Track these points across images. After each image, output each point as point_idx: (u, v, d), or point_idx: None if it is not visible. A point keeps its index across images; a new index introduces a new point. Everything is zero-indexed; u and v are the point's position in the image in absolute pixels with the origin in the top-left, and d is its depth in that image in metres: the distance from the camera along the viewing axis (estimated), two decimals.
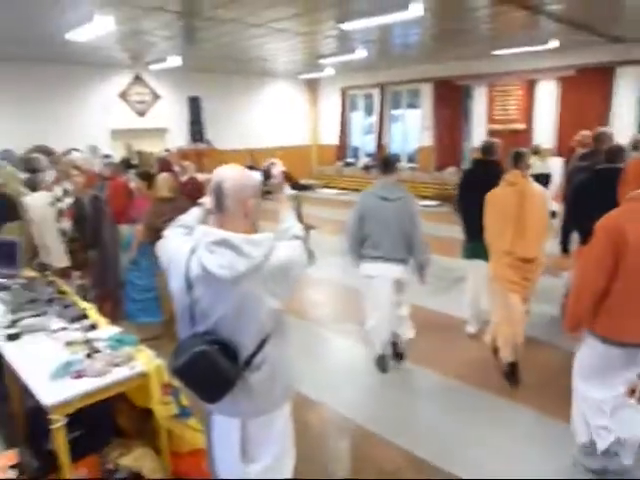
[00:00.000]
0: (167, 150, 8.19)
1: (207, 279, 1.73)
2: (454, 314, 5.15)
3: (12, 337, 2.88)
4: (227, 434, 1.96)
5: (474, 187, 3.96)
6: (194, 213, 2.05)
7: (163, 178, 4.89)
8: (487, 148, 4.33)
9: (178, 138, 12.03)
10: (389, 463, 3.01)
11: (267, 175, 1.96)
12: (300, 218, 2.05)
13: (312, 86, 14.97)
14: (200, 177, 7.12)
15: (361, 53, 9.41)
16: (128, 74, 11.18)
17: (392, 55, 10.48)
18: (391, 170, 3.80)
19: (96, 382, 2.36)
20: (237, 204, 1.77)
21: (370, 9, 6.01)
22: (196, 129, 12.02)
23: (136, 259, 4.81)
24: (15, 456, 2.63)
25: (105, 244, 4.63)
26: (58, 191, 4.77)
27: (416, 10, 5.83)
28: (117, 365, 2.48)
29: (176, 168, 6.96)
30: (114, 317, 4.25)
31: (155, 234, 4.49)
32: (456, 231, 4.96)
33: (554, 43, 8.59)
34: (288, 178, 1.99)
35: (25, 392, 2.81)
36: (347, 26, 6.68)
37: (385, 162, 3.87)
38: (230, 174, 1.80)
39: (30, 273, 4.10)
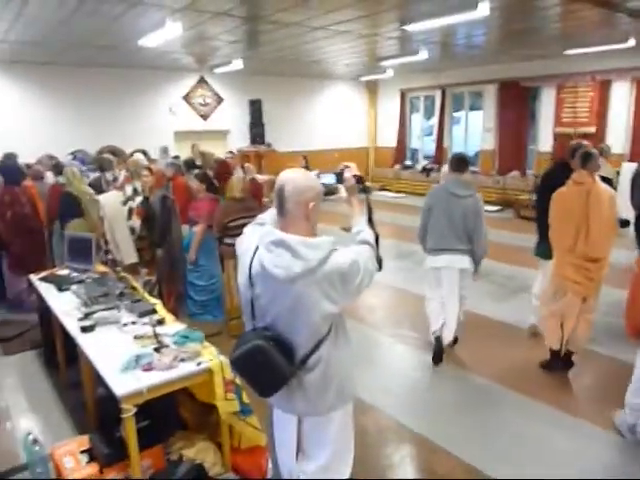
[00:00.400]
0: (231, 152, 8.38)
1: (265, 277, 1.80)
2: (511, 322, 5.02)
3: (86, 329, 3.05)
4: (284, 429, 2.03)
5: (553, 189, 3.92)
6: (271, 212, 2.08)
7: (237, 179, 5.08)
8: (573, 151, 4.19)
9: (239, 140, 12.33)
10: (441, 469, 2.97)
11: (340, 178, 1.97)
12: (372, 223, 2.03)
13: (371, 88, 14.92)
14: (260, 178, 7.27)
15: (423, 54, 9.29)
16: (193, 77, 11.58)
17: (455, 56, 10.28)
18: (463, 168, 4.05)
19: (164, 375, 2.46)
20: (297, 207, 1.80)
21: (436, 10, 5.92)
22: (256, 131, 12.26)
23: (196, 260, 4.97)
24: (87, 442, 2.79)
25: (172, 243, 4.81)
26: (129, 190, 5.01)
27: (483, 10, 5.69)
28: (183, 360, 2.57)
29: (237, 170, 7.11)
30: (177, 313, 4.42)
31: (225, 231, 4.82)
32: (519, 238, 4.85)
33: (631, 42, 8.13)
34: (361, 182, 1.98)
35: (96, 381, 2.97)
36: (411, 27, 6.61)
37: (457, 160, 4.09)
38: (291, 178, 1.83)
39: (102, 268, 4.33)
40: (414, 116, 14.54)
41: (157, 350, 2.66)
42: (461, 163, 4.07)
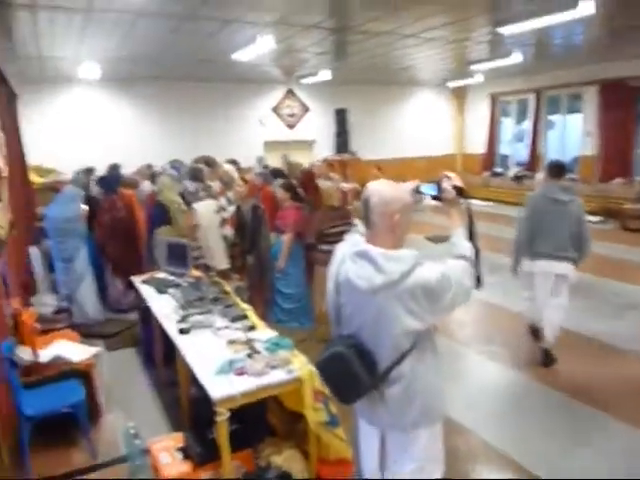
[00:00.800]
0: (323, 160, 8.49)
1: (350, 287, 1.82)
2: (617, 342, 4.63)
3: (183, 331, 3.20)
4: (368, 441, 2.00)
5: None
6: None
7: (333, 188, 5.20)
8: None
9: (324, 149, 12.50)
10: None
11: (439, 189, 1.92)
12: (473, 237, 1.94)
13: (459, 93, 14.53)
14: (345, 187, 7.31)
15: (516, 57, 8.89)
16: (281, 89, 11.92)
17: (551, 57, 9.74)
18: (560, 175, 4.11)
19: (256, 382, 2.52)
20: (383, 219, 1.79)
21: (533, 10, 5.64)
22: (341, 140, 12.37)
23: (284, 268, 5.07)
24: (181, 439, 2.92)
25: (261, 251, 4.95)
26: (222, 200, 5.24)
27: (586, 8, 5.34)
28: (274, 367, 2.62)
29: (321, 179, 7.18)
30: (265, 320, 4.53)
31: (322, 239, 4.94)
32: (624, 251, 4.49)
33: None
34: (461, 193, 1.91)
35: (191, 381, 3.11)
36: (505, 30, 6.36)
37: (555, 167, 4.15)
38: (377, 189, 1.83)
39: (197, 273, 4.54)
40: (504, 121, 13.95)
41: (249, 356, 2.73)
42: (559, 169, 4.12)
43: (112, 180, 6.49)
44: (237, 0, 4.91)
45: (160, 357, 4.29)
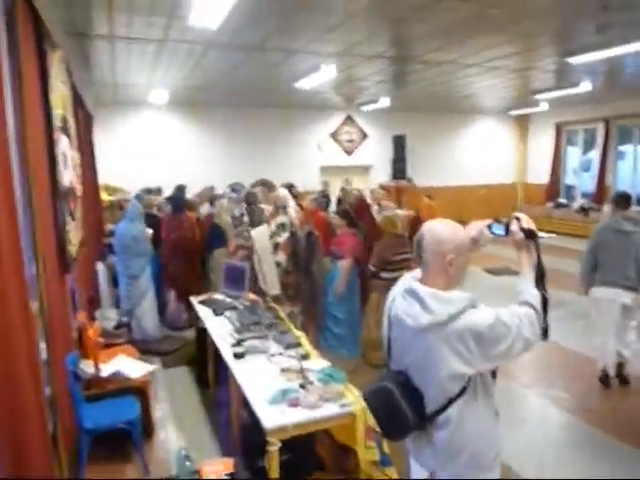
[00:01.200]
0: (383, 188, 8.51)
1: (399, 323, 1.82)
2: None
3: (238, 355, 3.24)
4: None
5: None
6: None
7: (396, 216, 5.27)
8: None
9: (380, 175, 12.50)
10: None
11: (507, 231, 1.85)
12: (542, 284, 1.85)
13: (521, 122, 14.21)
14: (400, 214, 7.27)
15: (585, 86, 8.61)
16: (340, 115, 12.08)
17: (622, 86, 9.37)
18: (626, 206, 4.25)
19: (309, 414, 2.50)
20: (435, 258, 1.76)
21: (605, 41, 5.47)
22: (398, 166, 12.31)
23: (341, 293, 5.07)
24: (231, 465, 2.92)
25: (315, 276, 4.97)
26: (273, 226, 5.33)
27: None
28: (327, 400, 2.59)
29: (375, 207, 7.18)
30: (317, 346, 4.53)
31: (385, 266, 4.93)
32: None
33: None
34: (531, 237, 1.83)
35: (242, 405, 3.13)
36: (575, 60, 6.18)
37: (620, 198, 4.30)
38: (432, 227, 1.80)
39: (252, 296, 4.61)
40: (570, 150, 13.48)
41: (302, 386, 2.72)
42: (625, 200, 4.27)
43: (179, 200, 6.76)
44: (303, 32, 5.05)
45: (213, 377, 4.36)
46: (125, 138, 10.12)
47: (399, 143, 12.31)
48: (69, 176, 3.57)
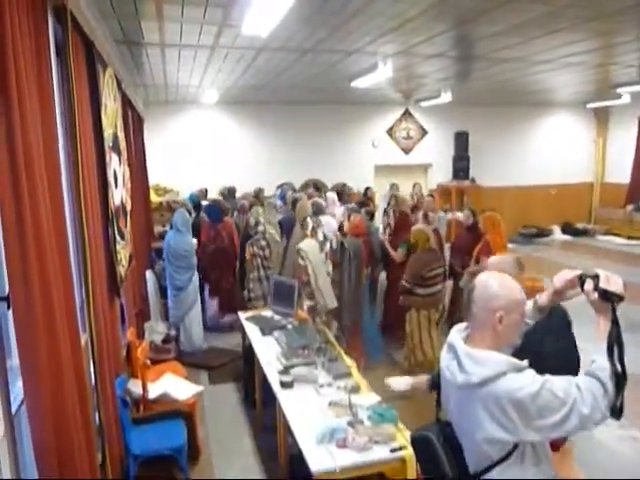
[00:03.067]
0: (431, 196, 8.37)
1: (444, 374, 1.85)
2: None
3: (285, 385, 3.29)
4: None
5: None
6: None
7: (428, 230, 5.27)
8: None
9: (440, 174, 12.29)
10: None
11: (582, 286, 1.72)
12: (616, 355, 1.70)
13: (600, 116, 13.53)
14: (459, 216, 7.12)
15: None
16: (397, 111, 11.95)
17: None
18: None
19: (357, 457, 2.51)
20: (484, 314, 1.74)
21: None
22: (460, 165, 12.06)
23: None
24: None
25: (361, 290, 5.07)
26: (320, 236, 5.42)
27: None
28: (377, 442, 2.59)
29: (419, 215, 7.04)
30: (359, 365, 4.53)
31: (420, 282, 4.99)
32: None
33: None
34: (609, 300, 1.63)
35: (289, 433, 3.18)
36: None
37: None
38: (484, 280, 1.78)
39: (303, 315, 4.66)
40: None
41: (351, 425, 2.73)
42: None
43: (219, 210, 6.94)
44: (359, 35, 5.03)
45: (260, 399, 4.45)
46: (175, 138, 10.42)
47: (461, 140, 12.05)
48: (119, 194, 3.74)
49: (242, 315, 4.91)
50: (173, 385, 3.91)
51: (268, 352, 3.91)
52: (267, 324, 4.48)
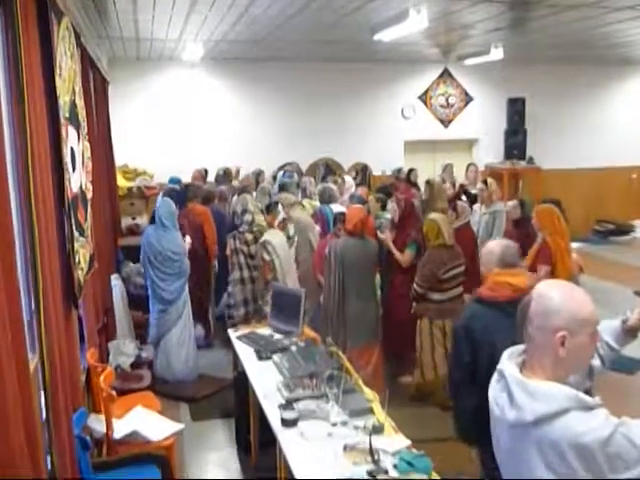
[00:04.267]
0: (464, 187, 8.33)
1: (492, 408, 1.88)
2: None
3: (289, 423, 3.31)
4: None
5: None
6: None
7: (443, 220, 5.45)
8: None
9: (489, 152, 12.26)
10: None
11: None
12: None
13: None
14: (509, 205, 7.06)
15: None
16: (434, 71, 11.95)
17: None
18: None
19: None
20: (541, 335, 1.75)
21: None
22: (514, 141, 12.02)
23: None
24: None
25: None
26: (291, 230, 5.63)
27: None
28: None
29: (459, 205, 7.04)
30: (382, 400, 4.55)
31: (435, 285, 5.16)
32: None
33: None
34: None
35: None
36: None
37: None
38: (544, 292, 1.78)
39: (310, 333, 4.68)
40: None
41: (372, 475, 2.74)
42: None
43: (180, 194, 7.12)
44: None
45: (255, 440, 4.48)
46: (149, 105, 10.46)
47: (516, 109, 12.01)
48: (78, 179, 3.77)
49: (232, 334, 4.93)
50: (145, 422, 3.95)
51: (266, 381, 3.92)
52: (265, 345, 4.50)
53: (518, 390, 1.73)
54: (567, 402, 1.66)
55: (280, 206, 6.21)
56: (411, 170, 9.56)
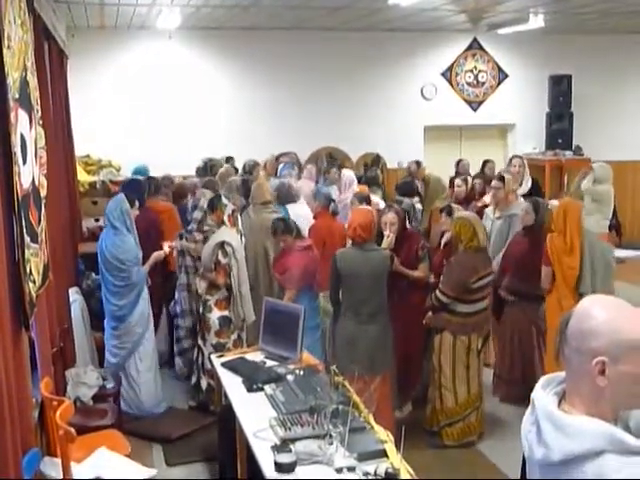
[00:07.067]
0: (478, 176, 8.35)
1: (524, 445, 1.88)
2: None
3: (284, 468, 3.30)
4: None
5: None
6: None
7: (475, 219, 5.57)
8: None
9: (527, 141, 12.28)
10: None
11: None
12: None
13: None
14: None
15: None
16: (460, 43, 11.99)
17: None
18: None
19: None
20: (578, 358, 1.73)
21: None
22: (558, 127, 12.04)
23: None
24: None
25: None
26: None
27: None
28: None
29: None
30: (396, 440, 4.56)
31: (464, 295, 5.25)
32: None
33: None
34: None
35: None
36: None
37: None
38: (584, 308, 1.75)
39: (310, 359, 4.69)
40: None
41: None
42: None
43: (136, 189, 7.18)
44: None
45: None
46: (115, 84, 10.52)
47: (560, 88, 12.03)
48: (30, 172, 3.78)
49: (216, 360, 4.93)
50: (110, 466, 3.95)
51: (257, 417, 3.91)
52: (255, 374, 4.49)
53: (547, 424, 1.72)
54: (602, 442, 1.64)
55: (224, 199, 6.38)
56: (486, 162, 9.61)
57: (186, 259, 6.38)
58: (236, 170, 9.07)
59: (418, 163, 9.64)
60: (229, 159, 9.62)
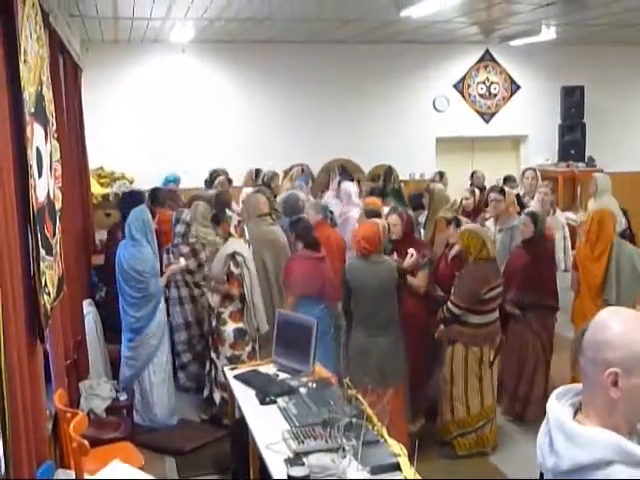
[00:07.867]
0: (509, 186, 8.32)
1: (538, 456, 1.87)
2: None
3: None
4: None
5: None
6: None
7: (484, 232, 5.66)
8: None
9: (540, 152, 12.26)
10: None
11: None
12: None
13: None
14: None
15: None
16: (472, 54, 12.00)
17: None
18: None
19: None
20: (593, 369, 1.72)
21: None
22: (571, 139, 11.99)
23: None
24: None
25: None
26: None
27: None
28: None
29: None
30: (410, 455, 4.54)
31: (476, 306, 5.30)
32: None
33: None
34: None
35: None
36: None
37: None
38: (601, 321, 1.74)
39: (323, 372, 4.69)
40: None
41: None
42: None
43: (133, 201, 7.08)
44: None
45: None
46: (129, 97, 10.55)
47: (572, 99, 12.00)
48: (45, 185, 3.80)
49: (229, 372, 4.94)
50: (123, 479, 3.95)
51: (270, 430, 3.92)
52: (268, 386, 4.51)
53: (559, 434, 1.73)
54: (611, 452, 1.64)
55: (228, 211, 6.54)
56: (474, 173, 9.91)
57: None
58: (230, 181, 9.17)
59: (441, 174, 9.67)
60: (215, 172, 9.50)
